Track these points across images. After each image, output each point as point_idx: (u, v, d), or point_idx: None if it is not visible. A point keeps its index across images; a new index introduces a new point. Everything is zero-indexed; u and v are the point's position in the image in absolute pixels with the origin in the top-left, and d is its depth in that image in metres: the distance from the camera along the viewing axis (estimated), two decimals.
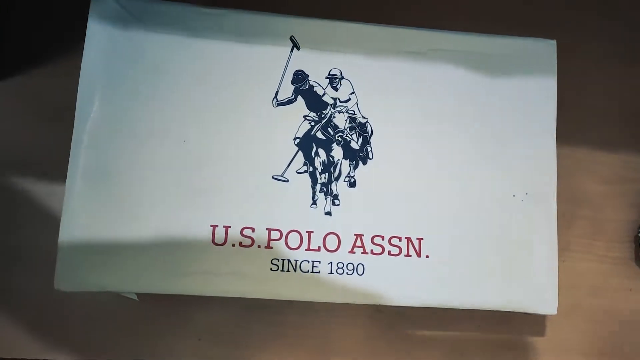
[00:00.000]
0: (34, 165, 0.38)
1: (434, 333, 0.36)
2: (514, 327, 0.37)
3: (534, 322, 0.36)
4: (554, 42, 0.33)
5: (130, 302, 0.37)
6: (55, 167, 0.37)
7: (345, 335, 0.36)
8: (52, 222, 0.37)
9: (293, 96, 0.31)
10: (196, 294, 0.28)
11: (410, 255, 0.30)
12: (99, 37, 0.29)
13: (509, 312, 0.32)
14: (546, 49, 0.32)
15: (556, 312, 0.31)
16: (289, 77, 0.31)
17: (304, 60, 0.31)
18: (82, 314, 0.37)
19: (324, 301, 0.29)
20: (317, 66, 0.31)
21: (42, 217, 0.37)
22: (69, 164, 0.28)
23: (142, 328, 0.37)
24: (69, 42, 0.39)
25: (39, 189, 0.38)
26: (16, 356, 0.36)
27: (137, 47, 0.29)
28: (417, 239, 0.30)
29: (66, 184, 0.28)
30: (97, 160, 0.28)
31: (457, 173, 0.31)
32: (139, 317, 0.37)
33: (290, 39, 0.31)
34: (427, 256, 0.30)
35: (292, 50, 0.31)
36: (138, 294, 0.36)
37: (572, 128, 0.36)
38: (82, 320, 0.37)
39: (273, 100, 0.30)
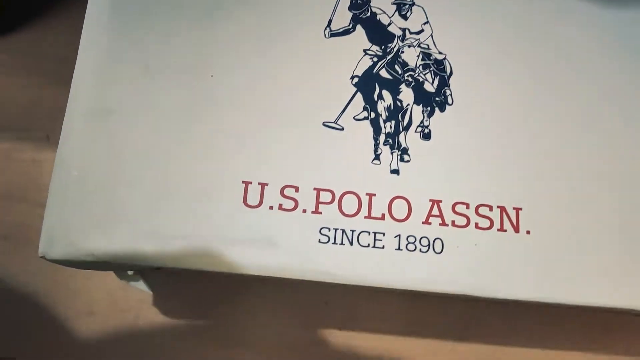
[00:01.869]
0: (35, 129, 0.33)
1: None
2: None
3: None
4: None
5: (142, 297, 0.31)
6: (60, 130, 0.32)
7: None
8: None
9: (350, 25, 0.24)
10: (218, 269, 0.21)
11: (506, 230, 0.22)
12: None
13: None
14: None
15: None
16: (345, 1, 0.24)
17: None
18: (78, 308, 0.30)
19: (391, 287, 0.22)
20: None
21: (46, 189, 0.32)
22: (68, 102, 0.23)
23: (158, 331, 0.31)
24: None
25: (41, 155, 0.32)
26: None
27: None
28: (513, 209, 0.22)
29: (63, 125, 0.22)
30: (102, 97, 0.23)
31: (568, 124, 0.23)
32: (154, 317, 0.31)
33: None
34: (527, 232, 0.22)
35: None
36: (152, 287, 0.30)
37: None
38: (78, 318, 0.30)
39: (325, 29, 0.24)
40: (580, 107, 0.23)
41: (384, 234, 0.22)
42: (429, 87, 0.24)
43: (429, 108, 0.23)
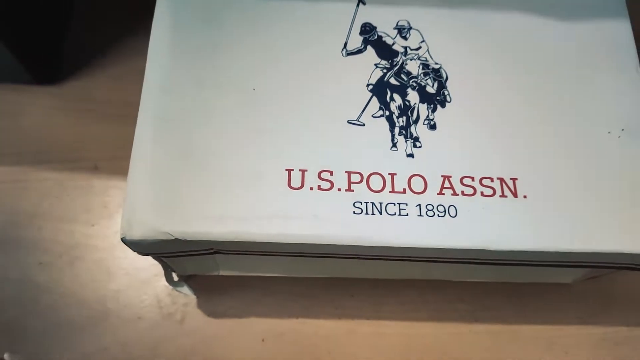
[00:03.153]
0: (85, 160, 0.37)
1: None
2: None
3: None
4: None
5: (182, 299, 0.34)
6: (106, 161, 0.37)
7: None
8: (104, 212, 0.36)
9: (362, 46, 0.30)
10: (273, 240, 0.25)
11: (506, 196, 0.27)
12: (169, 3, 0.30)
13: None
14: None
15: None
16: (356, 29, 0.30)
17: (370, 14, 0.31)
18: (128, 315, 0.33)
19: (418, 245, 0.26)
20: (384, 19, 0.31)
21: (95, 211, 0.36)
22: (139, 111, 0.27)
23: (202, 332, 0.33)
24: (125, 47, 0.40)
25: (91, 182, 0.36)
26: None
27: (206, 8, 0.30)
28: (510, 179, 0.27)
29: (136, 130, 0.27)
30: (167, 106, 0.27)
31: (543, 112, 0.29)
32: (198, 319, 0.34)
33: None
34: (524, 196, 0.27)
35: (358, 5, 0.31)
36: (195, 291, 0.33)
37: None
38: (128, 322, 0.33)
39: (342, 50, 0.30)
40: (556, 96, 0.29)
41: (406, 204, 0.26)
42: (430, 90, 0.29)
43: (432, 105, 0.29)
